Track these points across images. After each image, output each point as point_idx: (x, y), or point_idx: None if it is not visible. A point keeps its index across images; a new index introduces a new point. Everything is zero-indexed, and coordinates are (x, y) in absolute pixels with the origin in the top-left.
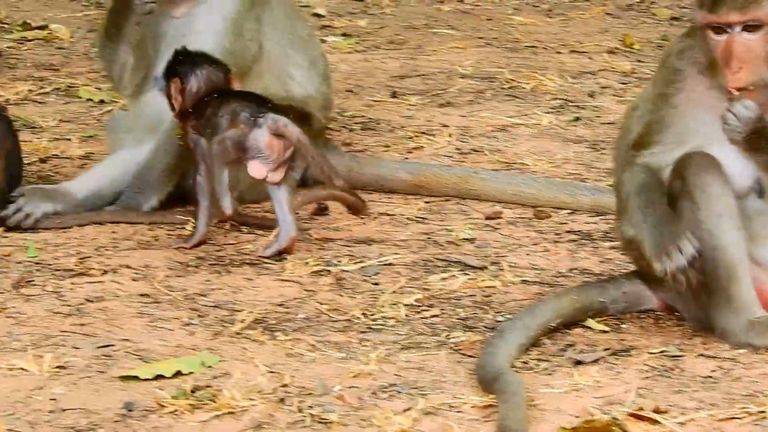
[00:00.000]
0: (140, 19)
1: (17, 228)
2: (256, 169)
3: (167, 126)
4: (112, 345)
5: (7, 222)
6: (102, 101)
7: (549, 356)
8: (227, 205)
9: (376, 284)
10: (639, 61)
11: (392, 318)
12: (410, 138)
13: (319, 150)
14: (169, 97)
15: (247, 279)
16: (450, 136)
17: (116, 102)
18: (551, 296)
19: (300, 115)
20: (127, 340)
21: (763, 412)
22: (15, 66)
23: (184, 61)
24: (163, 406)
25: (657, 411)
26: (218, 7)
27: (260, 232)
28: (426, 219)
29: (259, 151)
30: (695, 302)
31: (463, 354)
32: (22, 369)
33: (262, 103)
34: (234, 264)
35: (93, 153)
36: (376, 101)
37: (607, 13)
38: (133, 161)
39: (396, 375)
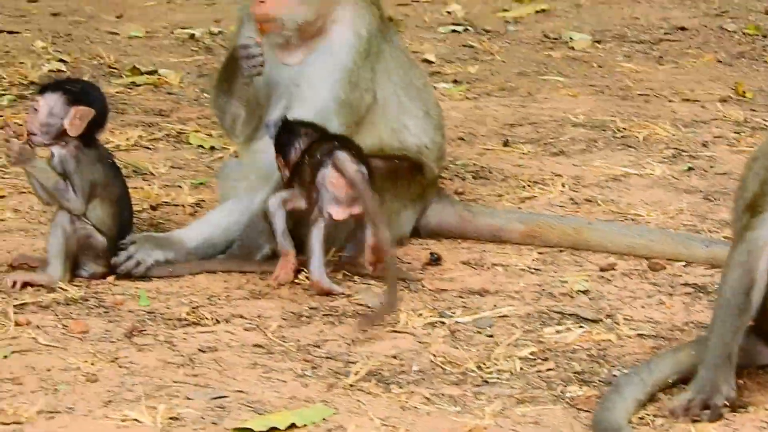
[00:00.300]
0: (249, 81)
1: (128, 276)
2: (328, 208)
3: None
4: (226, 396)
5: (118, 269)
6: (213, 148)
7: (666, 412)
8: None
9: (491, 336)
10: (752, 110)
11: (507, 371)
12: (523, 187)
13: (375, 197)
14: (279, 168)
15: (361, 330)
16: (563, 185)
17: (227, 149)
18: (668, 351)
19: (413, 166)
20: (240, 391)
21: None
22: (125, 111)
23: (285, 135)
24: None
25: None
26: (333, 55)
27: (373, 282)
28: (540, 270)
29: (325, 189)
30: None
31: (579, 409)
32: (135, 420)
33: (331, 141)
34: (347, 315)
35: (204, 200)
36: (488, 149)
37: (719, 61)
38: (245, 209)
39: (512, 429)
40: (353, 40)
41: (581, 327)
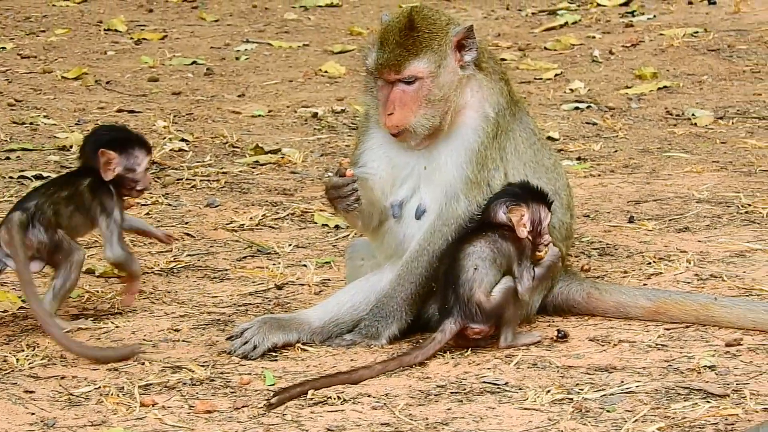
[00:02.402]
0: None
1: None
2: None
3: (409, 255)
4: None
5: (233, 354)
6: (337, 227)
7: None
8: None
9: (618, 413)
10: None
11: None
12: (648, 263)
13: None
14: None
15: (489, 408)
16: (688, 261)
17: (351, 228)
18: None
19: None
20: None
21: None
22: (248, 191)
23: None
24: None
25: None
26: (460, 138)
27: (499, 357)
28: (666, 346)
29: None
30: None
31: None
32: None
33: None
34: (475, 392)
35: (329, 279)
36: (613, 226)
37: None
38: (372, 289)
39: None
40: (480, 122)
41: (708, 402)
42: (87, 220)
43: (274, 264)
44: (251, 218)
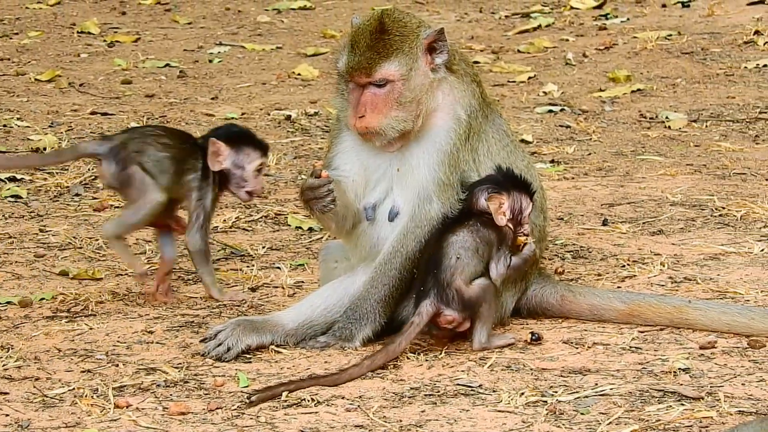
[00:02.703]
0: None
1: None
2: None
3: (382, 257)
4: None
5: (207, 356)
6: (311, 229)
7: None
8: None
9: (592, 415)
10: None
11: None
12: (622, 266)
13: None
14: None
15: (463, 410)
16: (662, 264)
17: (325, 230)
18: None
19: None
20: None
21: None
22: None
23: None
24: None
25: None
26: (432, 141)
27: (473, 359)
28: (640, 348)
29: None
30: None
31: None
32: None
33: None
34: (449, 394)
35: (303, 282)
36: (587, 229)
37: None
38: (346, 291)
39: None
40: (452, 123)
41: (682, 405)
42: (178, 186)
43: (248, 266)
44: (225, 220)
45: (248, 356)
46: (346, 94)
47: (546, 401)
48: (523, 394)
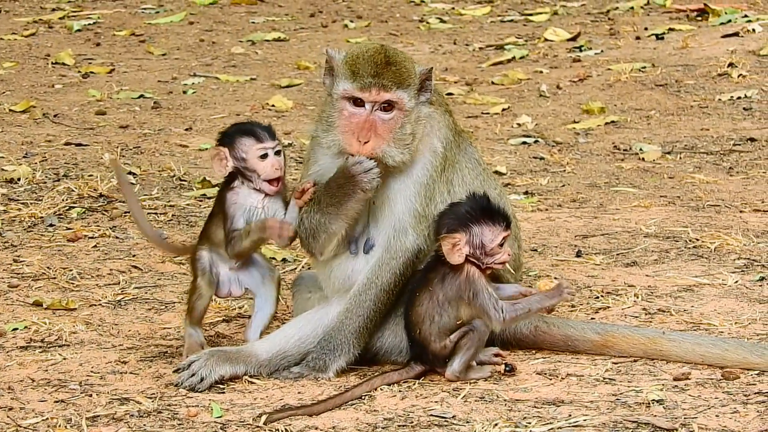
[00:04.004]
0: (367, 196)
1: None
2: None
3: (357, 288)
4: None
5: (180, 386)
6: (285, 260)
7: None
8: None
9: None
10: None
11: None
12: (596, 298)
13: None
14: None
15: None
16: (636, 296)
17: (299, 260)
18: None
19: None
20: None
21: None
22: (195, 224)
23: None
24: None
25: None
26: (409, 172)
27: (446, 390)
28: (614, 380)
29: None
30: None
31: None
32: None
33: None
34: (422, 425)
35: (277, 312)
36: (561, 261)
37: None
38: (320, 322)
39: None
40: (430, 156)
41: None
42: None
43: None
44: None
45: (221, 386)
46: (338, 119)
47: None
48: (496, 425)
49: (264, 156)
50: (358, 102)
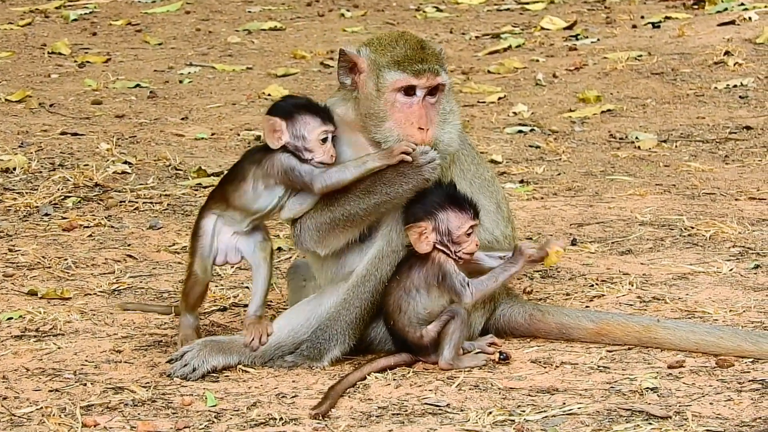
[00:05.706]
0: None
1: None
2: None
3: (355, 279)
4: None
5: (172, 376)
6: (280, 249)
7: None
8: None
9: None
10: None
11: None
12: (591, 286)
13: None
14: None
15: (431, 429)
16: (631, 284)
17: (294, 250)
18: None
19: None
20: None
21: None
22: (191, 213)
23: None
24: None
25: None
26: None
27: (440, 378)
28: (608, 368)
29: None
30: None
31: None
32: None
33: None
34: (416, 414)
35: (271, 301)
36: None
37: None
38: (313, 312)
39: None
40: None
41: (650, 424)
42: None
43: (216, 286)
44: None
45: (216, 376)
46: (391, 112)
47: (514, 420)
48: (490, 413)
49: (325, 140)
50: (409, 91)
